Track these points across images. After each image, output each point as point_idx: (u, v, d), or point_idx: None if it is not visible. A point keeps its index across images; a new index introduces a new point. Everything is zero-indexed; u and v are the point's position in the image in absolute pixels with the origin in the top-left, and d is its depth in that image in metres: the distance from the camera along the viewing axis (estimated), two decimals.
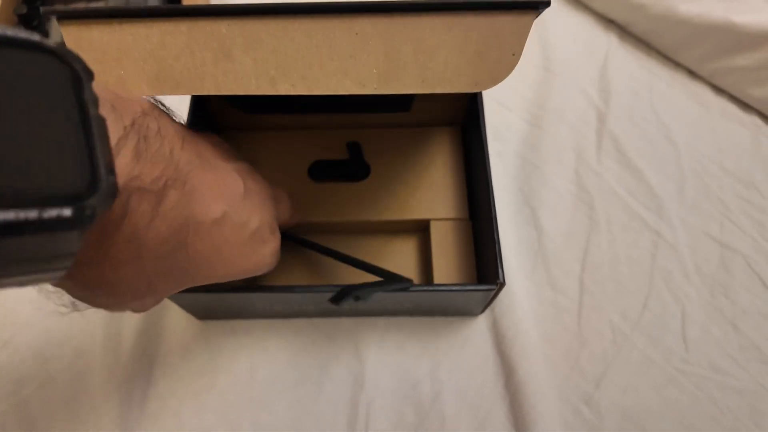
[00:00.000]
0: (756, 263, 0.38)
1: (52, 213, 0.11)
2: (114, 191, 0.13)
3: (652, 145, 0.43)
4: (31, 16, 0.47)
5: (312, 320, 0.36)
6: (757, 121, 0.44)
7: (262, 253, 0.24)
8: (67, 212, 0.12)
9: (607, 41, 0.49)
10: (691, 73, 0.47)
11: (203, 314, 0.35)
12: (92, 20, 0.21)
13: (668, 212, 0.40)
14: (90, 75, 0.14)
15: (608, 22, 0.50)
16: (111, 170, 0.13)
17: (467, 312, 0.36)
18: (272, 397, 0.34)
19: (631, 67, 0.47)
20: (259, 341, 0.35)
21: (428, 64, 0.21)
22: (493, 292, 0.30)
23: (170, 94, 0.21)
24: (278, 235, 0.26)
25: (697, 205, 0.40)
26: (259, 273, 0.25)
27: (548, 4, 0.20)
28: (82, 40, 0.21)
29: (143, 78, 0.22)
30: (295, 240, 0.34)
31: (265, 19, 0.20)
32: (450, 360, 0.35)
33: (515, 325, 0.35)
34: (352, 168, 0.38)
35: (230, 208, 0.21)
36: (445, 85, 0.21)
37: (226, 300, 0.31)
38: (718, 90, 0.46)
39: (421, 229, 0.38)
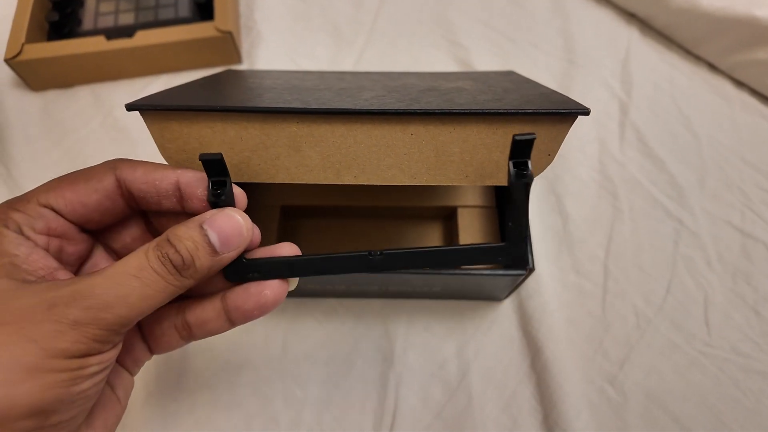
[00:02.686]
0: None
1: None
2: None
3: (674, 136, 0.44)
4: (63, 23, 0.46)
5: (342, 301, 0.37)
6: None
7: None
8: None
9: (628, 35, 0.49)
10: (712, 67, 0.47)
11: None
12: (172, 113, 0.22)
13: (690, 201, 0.41)
14: None
15: (630, 15, 0.51)
16: None
17: (493, 296, 0.37)
18: (304, 373, 0.35)
19: (652, 60, 0.48)
20: (291, 320, 0.36)
21: (472, 161, 0.23)
22: (522, 277, 0.31)
23: (249, 181, 0.23)
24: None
25: (719, 194, 0.41)
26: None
27: (587, 113, 0.22)
28: (165, 131, 0.23)
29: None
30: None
31: (332, 120, 0.22)
32: (477, 341, 0.36)
33: (541, 308, 0.36)
34: None
35: None
36: (485, 179, 0.23)
37: None
38: (738, 83, 0.46)
39: (446, 216, 0.38)
